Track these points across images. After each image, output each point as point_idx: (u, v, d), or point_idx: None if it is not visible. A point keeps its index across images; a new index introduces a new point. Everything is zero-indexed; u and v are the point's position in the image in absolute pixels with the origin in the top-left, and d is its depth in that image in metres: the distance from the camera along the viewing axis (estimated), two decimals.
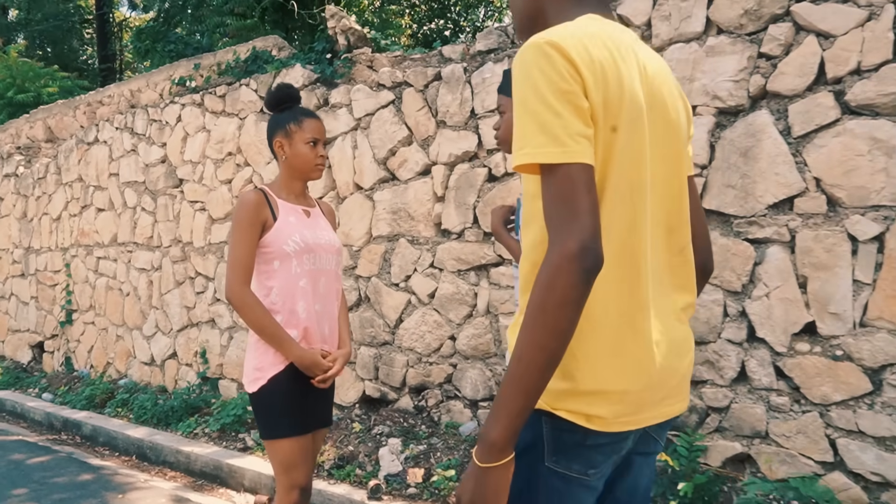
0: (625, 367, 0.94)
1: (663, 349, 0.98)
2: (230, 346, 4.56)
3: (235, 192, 4.47)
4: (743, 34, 2.60)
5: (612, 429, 0.94)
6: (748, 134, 2.59)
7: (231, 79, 4.58)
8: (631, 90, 0.93)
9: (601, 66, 0.90)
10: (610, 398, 0.93)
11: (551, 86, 0.88)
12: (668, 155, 1.01)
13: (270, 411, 1.82)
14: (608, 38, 0.94)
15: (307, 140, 1.89)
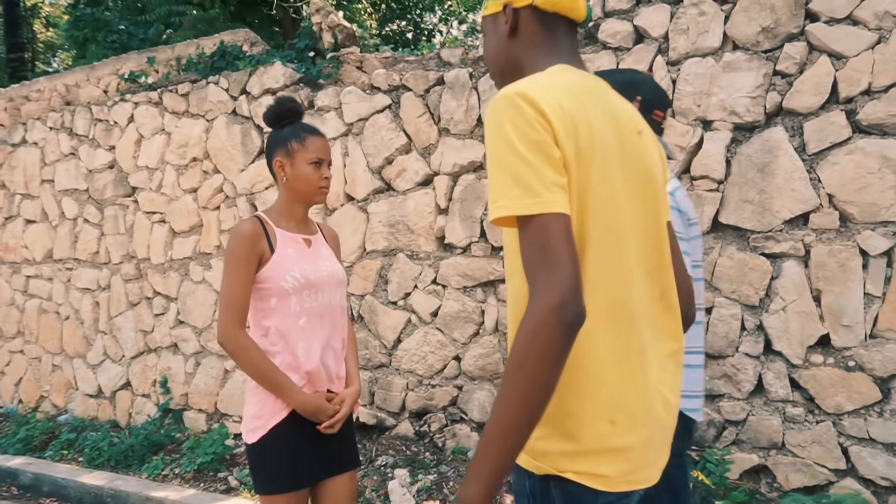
0: (626, 422, 1.06)
1: (661, 402, 1.12)
2: (197, 373, 4.76)
3: (203, 201, 4.69)
4: (759, 51, 3.08)
5: (617, 489, 1.06)
6: (765, 150, 3.07)
7: (195, 76, 4.80)
8: (602, 139, 1.07)
9: (571, 116, 1.05)
10: (614, 456, 1.05)
11: (522, 137, 1.01)
12: (645, 200, 1.16)
13: (272, 464, 1.89)
14: (579, 87, 1.10)
15: (311, 160, 1.95)
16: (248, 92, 4.50)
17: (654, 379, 1.12)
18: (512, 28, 1.23)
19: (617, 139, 1.11)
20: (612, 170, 1.08)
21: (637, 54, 3.34)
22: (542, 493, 1.07)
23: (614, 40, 3.39)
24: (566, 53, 1.21)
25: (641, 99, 1.93)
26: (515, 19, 1.23)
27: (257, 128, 4.48)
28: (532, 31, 1.22)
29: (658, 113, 1.97)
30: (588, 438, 1.05)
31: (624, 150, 1.13)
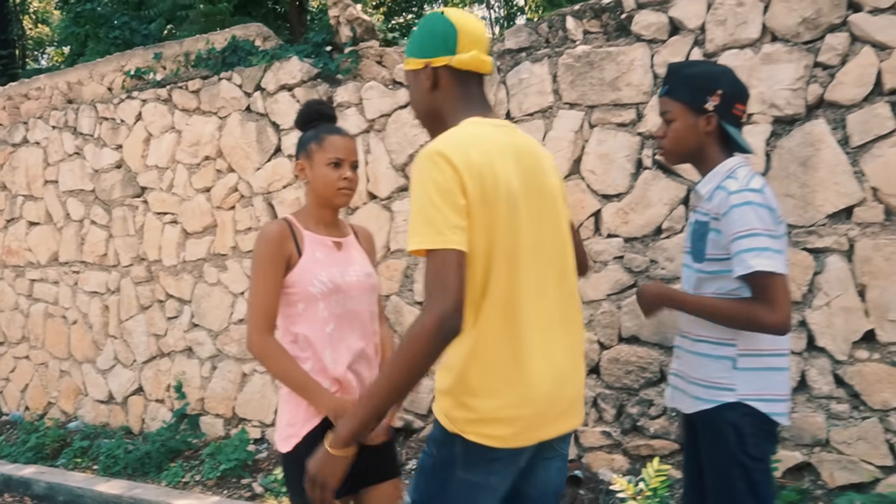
0: (515, 398, 1.43)
1: (549, 381, 1.46)
2: (213, 377, 4.70)
3: (216, 201, 4.62)
4: (799, 42, 3.06)
5: (508, 445, 1.44)
6: (806, 143, 3.05)
7: (206, 72, 4.72)
8: (506, 182, 1.40)
9: (478, 166, 1.37)
10: (504, 423, 1.43)
11: (437, 188, 1.34)
12: (551, 220, 1.51)
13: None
14: (486, 139, 1.42)
15: (329, 160, 1.91)
16: (263, 88, 4.43)
17: (547, 364, 1.46)
18: (433, 84, 1.51)
19: (522, 177, 1.44)
20: (513, 207, 1.40)
21: (672, 46, 3.31)
22: (449, 445, 1.47)
23: (648, 32, 3.35)
24: (477, 103, 1.53)
25: (721, 93, 1.83)
26: (435, 77, 1.51)
27: (273, 125, 4.41)
28: (449, 85, 1.51)
29: (739, 107, 1.87)
30: (483, 409, 1.42)
31: (529, 184, 1.45)
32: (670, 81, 1.90)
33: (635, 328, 3.41)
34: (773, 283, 1.71)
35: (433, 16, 1.53)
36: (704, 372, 1.85)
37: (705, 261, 1.83)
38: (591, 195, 3.51)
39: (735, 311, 1.76)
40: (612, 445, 3.47)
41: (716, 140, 1.87)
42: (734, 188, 1.77)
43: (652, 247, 3.37)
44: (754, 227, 1.72)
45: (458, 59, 1.48)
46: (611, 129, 3.46)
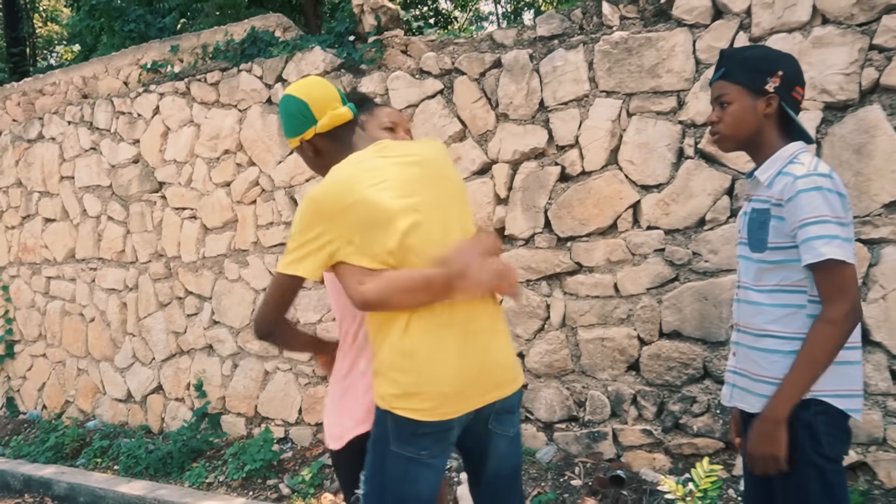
0: (439, 376, 1.55)
1: (475, 360, 1.60)
2: (234, 375, 4.53)
3: (237, 196, 4.45)
4: (853, 25, 2.88)
5: (432, 418, 1.55)
6: (860, 130, 2.87)
7: (225, 63, 4.54)
8: (383, 201, 1.56)
9: (350, 197, 1.56)
10: (428, 396, 1.54)
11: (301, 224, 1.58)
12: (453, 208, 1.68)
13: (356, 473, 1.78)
14: (363, 166, 1.61)
15: (383, 125, 1.92)
16: (285, 79, 4.25)
17: (469, 346, 1.60)
18: (315, 152, 1.73)
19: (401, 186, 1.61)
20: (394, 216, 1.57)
21: (716, 31, 3.13)
22: (381, 423, 1.62)
23: (690, 16, 3.17)
24: (353, 144, 1.72)
25: (782, 74, 1.72)
26: (312, 146, 1.72)
27: None
28: (327, 145, 1.71)
29: (799, 90, 1.75)
30: (409, 385, 1.56)
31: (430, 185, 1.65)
32: (726, 64, 1.78)
33: (677, 323, 3.24)
34: (844, 272, 1.59)
35: (284, 99, 1.72)
36: (773, 369, 1.69)
37: (767, 250, 1.70)
38: (630, 186, 3.33)
39: (828, 341, 1.60)
40: (653, 444, 3.29)
41: (775, 124, 1.75)
42: (801, 172, 1.64)
43: (695, 239, 3.20)
44: (823, 213, 1.60)
45: (321, 126, 1.68)
46: (650, 118, 3.28)
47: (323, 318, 4.20)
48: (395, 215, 1.57)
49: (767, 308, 1.71)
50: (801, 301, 1.66)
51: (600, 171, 3.39)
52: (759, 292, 1.73)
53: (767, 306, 1.71)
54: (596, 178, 3.39)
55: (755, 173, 1.76)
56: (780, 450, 1.63)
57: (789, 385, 1.63)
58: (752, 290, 1.75)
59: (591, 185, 3.40)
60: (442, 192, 1.67)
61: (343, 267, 1.57)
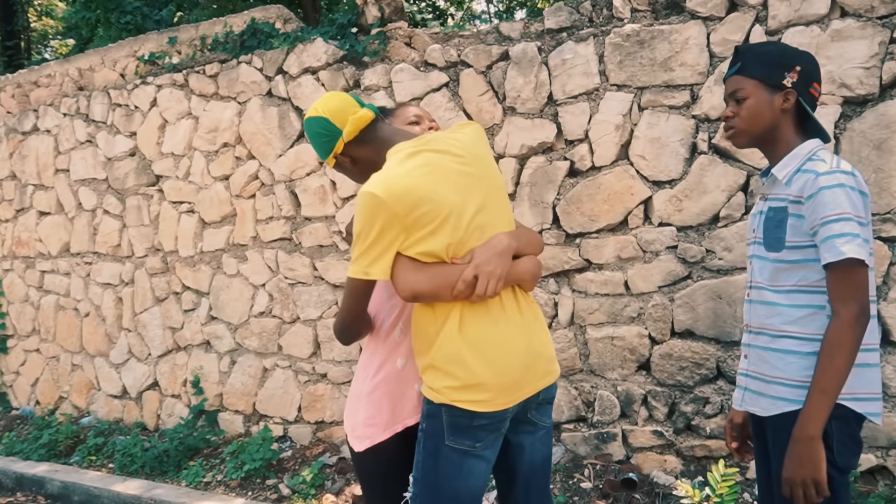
0: (499, 366, 1.53)
1: (527, 350, 1.58)
2: (232, 372, 4.38)
3: (236, 189, 4.29)
4: (874, 17, 2.76)
5: (492, 409, 1.53)
6: (881, 125, 2.75)
7: (225, 55, 4.38)
8: (442, 195, 1.51)
9: (414, 193, 1.49)
10: (488, 387, 1.52)
11: (368, 222, 1.50)
12: (495, 199, 1.62)
13: (386, 478, 1.73)
14: (416, 161, 1.53)
15: (409, 120, 1.88)
16: (286, 71, 4.10)
17: (516, 335, 1.58)
18: (352, 162, 1.67)
19: (453, 179, 1.55)
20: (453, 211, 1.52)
21: (731, 23, 3.00)
22: (436, 416, 1.57)
23: (704, 9, 3.05)
24: (389, 139, 1.64)
25: (800, 69, 1.64)
26: (348, 157, 1.66)
27: (296, 109, 4.08)
28: (359, 151, 1.65)
29: (816, 86, 1.67)
30: (467, 377, 1.52)
31: (475, 175, 1.59)
32: (742, 59, 1.70)
33: (689, 321, 3.12)
34: (859, 273, 1.51)
35: (306, 123, 1.67)
36: (790, 370, 1.60)
37: (785, 249, 1.61)
38: (641, 181, 3.20)
39: (847, 344, 1.50)
40: (664, 446, 3.18)
41: (791, 120, 1.67)
42: (823, 169, 1.55)
43: (708, 236, 3.08)
44: (846, 211, 1.51)
45: (347, 134, 1.62)
46: (662, 112, 3.15)
47: (323, 314, 4.06)
48: (458, 210, 1.53)
49: (785, 309, 1.62)
50: (821, 302, 1.58)
51: (610, 167, 3.26)
52: (777, 293, 1.64)
53: (785, 307, 1.62)
54: (606, 173, 3.27)
55: (772, 171, 1.67)
56: (821, 472, 1.51)
57: (818, 397, 1.51)
58: (769, 291, 1.66)
59: (601, 181, 3.27)
60: (492, 184, 1.63)
61: (395, 258, 1.55)
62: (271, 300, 4.23)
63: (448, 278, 1.54)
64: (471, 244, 1.55)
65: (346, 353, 4.00)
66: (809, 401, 1.52)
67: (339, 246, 3.99)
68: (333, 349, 4.04)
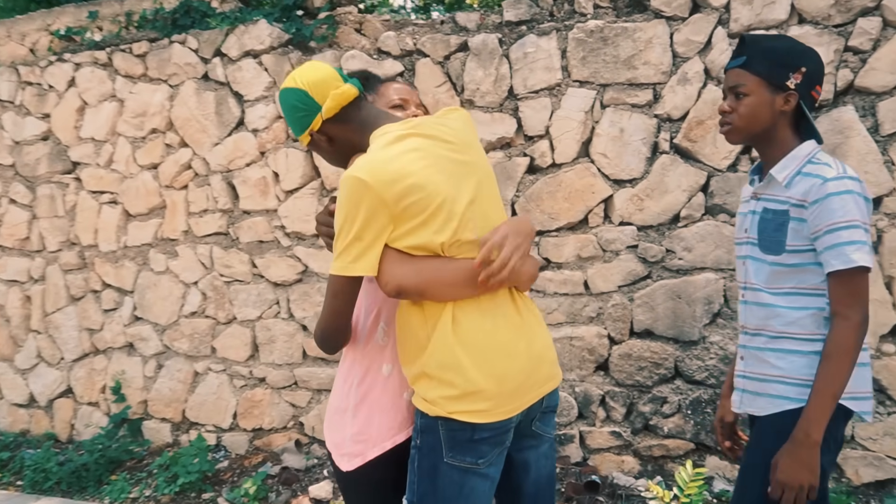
0: (499, 370, 1.36)
1: (527, 353, 1.41)
2: (159, 376, 4.00)
3: (166, 179, 3.92)
4: (830, 25, 2.80)
5: (494, 419, 1.35)
6: (835, 130, 2.79)
7: (154, 34, 3.99)
8: (434, 184, 1.34)
9: (404, 180, 1.31)
10: (488, 395, 1.35)
11: (356, 213, 1.31)
12: (488, 189, 1.46)
13: (379, 498, 1.57)
14: (403, 146, 1.35)
15: (392, 102, 1.70)
16: (224, 53, 3.77)
17: (517, 339, 1.41)
18: (329, 140, 1.48)
19: (441, 166, 1.38)
20: (444, 200, 1.35)
21: (694, 24, 2.98)
22: (432, 429, 1.39)
23: (669, 9, 3.01)
24: (372, 120, 1.46)
25: (805, 70, 1.57)
26: (324, 135, 1.47)
27: (236, 95, 3.76)
28: (339, 130, 1.46)
29: (818, 89, 1.62)
30: (465, 385, 1.34)
31: (451, 173, 1.39)
32: (748, 51, 1.61)
33: (649, 321, 3.07)
34: (864, 280, 1.50)
35: (282, 94, 1.49)
36: (791, 368, 1.56)
37: (785, 252, 1.56)
38: (603, 180, 3.13)
39: (851, 350, 1.48)
40: (622, 446, 3.12)
41: (789, 121, 1.60)
42: (831, 175, 1.51)
43: (669, 236, 3.04)
44: (855, 218, 1.48)
45: (326, 110, 1.43)
46: (625, 110, 3.09)
47: (263, 314, 3.76)
48: (451, 200, 1.36)
49: (784, 311, 1.57)
50: (820, 304, 1.54)
51: (571, 164, 3.17)
52: (775, 295, 1.59)
53: (784, 309, 1.57)
54: (567, 170, 3.17)
55: (771, 171, 1.61)
56: (817, 478, 1.47)
57: (819, 402, 1.47)
58: (765, 293, 1.60)
59: (561, 178, 3.18)
60: (484, 174, 1.48)
61: None
62: (204, 299, 3.88)
63: (439, 272, 1.37)
64: (465, 237, 1.38)
65: (288, 356, 3.73)
66: (813, 404, 1.47)
67: (280, 241, 3.71)
68: (273, 352, 3.75)
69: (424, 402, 1.39)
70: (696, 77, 2.97)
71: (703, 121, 2.97)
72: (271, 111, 3.67)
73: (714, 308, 2.97)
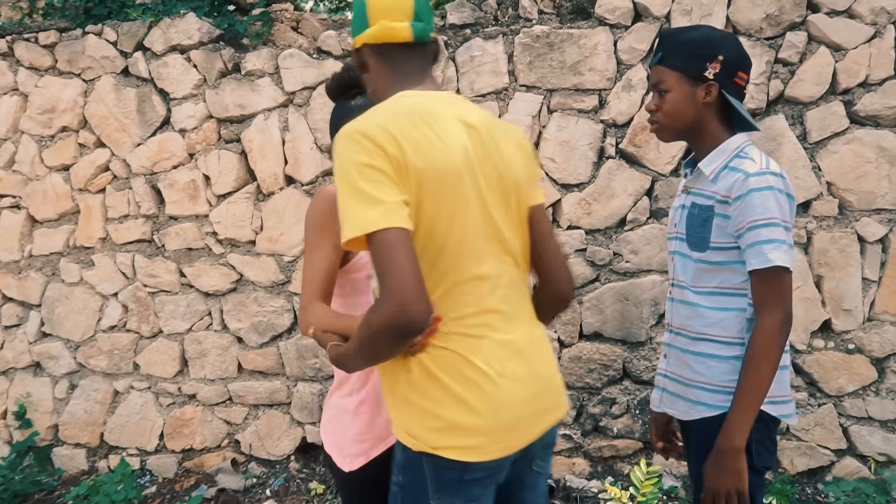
0: (496, 399, 1.17)
1: (529, 378, 1.22)
2: (72, 398, 3.63)
3: (79, 182, 3.58)
4: (762, 38, 2.95)
5: (487, 457, 1.17)
6: (768, 137, 2.94)
7: (65, 23, 3.64)
8: (443, 155, 1.16)
9: (404, 139, 1.13)
10: (482, 429, 1.16)
11: (361, 167, 1.10)
12: (504, 196, 1.26)
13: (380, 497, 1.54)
14: (417, 111, 1.18)
15: None
16: (147, 48, 3.50)
17: (514, 359, 1.22)
18: (362, 66, 1.34)
19: (473, 147, 1.21)
20: (453, 183, 1.16)
21: (637, 33, 3.05)
22: (415, 465, 1.21)
23: (612, 16, 3.07)
24: (410, 78, 1.28)
25: (723, 58, 1.54)
26: (361, 59, 1.33)
27: (161, 92, 3.50)
28: (374, 63, 1.30)
29: (742, 75, 1.58)
30: (452, 417, 1.16)
31: (483, 155, 1.22)
32: (664, 47, 1.60)
33: (598, 324, 3.10)
34: (785, 280, 1.46)
35: None
36: (710, 374, 1.55)
37: (709, 249, 1.54)
38: (551, 184, 3.14)
39: (773, 353, 1.45)
40: (573, 449, 3.13)
41: (716, 113, 1.58)
42: (753, 170, 1.48)
43: (616, 239, 3.09)
44: (774, 215, 1.45)
45: (368, 34, 1.28)
46: (572, 115, 3.12)
47: (193, 326, 3.50)
48: (470, 190, 1.20)
49: (706, 311, 1.56)
50: (743, 304, 1.52)
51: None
52: (698, 294, 1.57)
53: (706, 309, 1.56)
54: None
55: (699, 165, 1.60)
56: (744, 482, 1.46)
57: (742, 407, 1.45)
58: (690, 291, 1.59)
59: None
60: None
61: None
62: (126, 312, 3.57)
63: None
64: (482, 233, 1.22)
65: (221, 370, 3.49)
66: (735, 411, 1.45)
67: (212, 249, 3.48)
68: (205, 366, 3.50)
69: (407, 436, 1.21)
70: (640, 84, 3.04)
71: (646, 127, 3.04)
72: (201, 110, 3.44)
73: (660, 309, 3.04)
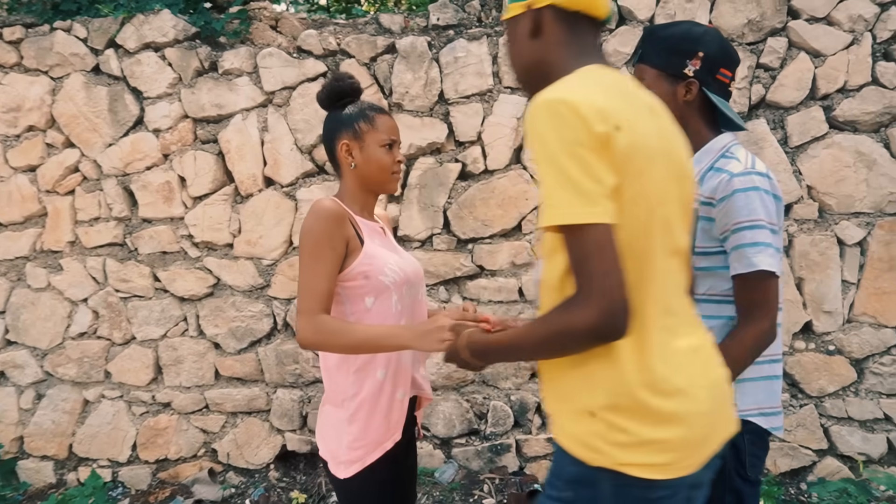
0: (693, 411, 1.05)
1: (715, 386, 1.12)
2: (39, 408, 3.49)
3: (47, 183, 3.44)
4: (744, 43, 2.97)
5: (675, 474, 1.04)
6: (750, 141, 2.96)
7: (31, 19, 3.50)
8: (643, 136, 1.04)
9: (614, 118, 0.99)
10: (674, 444, 1.04)
11: (567, 144, 0.97)
12: (681, 192, 1.14)
13: (379, 500, 1.61)
14: (615, 86, 1.06)
15: (383, 142, 1.62)
16: (120, 45, 3.38)
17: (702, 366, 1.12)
18: (535, 29, 1.16)
19: (656, 133, 1.08)
20: (653, 166, 1.05)
21: (621, 36, 3.05)
22: (590, 482, 1.07)
23: None
24: (592, 53, 1.16)
25: (703, 55, 1.47)
26: (538, 20, 1.16)
27: (134, 91, 3.38)
28: (554, 31, 1.15)
29: (724, 72, 1.51)
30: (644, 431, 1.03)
31: (661, 143, 1.09)
32: (644, 45, 1.56)
33: None
34: (771, 285, 1.40)
35: None
36: None
37: (694, 255, 1.47)
38: (535, 187, 3.12)
39: (746, 359, 1.40)
40: None
41: (698, 112, 1.52)
42: (738, 170, 1.42)
43: None
44: (759, 217, 1.39)
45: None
46: None
47: (168, 332, 3.39)
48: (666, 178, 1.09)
49: None
50: (730, 312, 1.45)
51: (504, 171, 3.14)
52: None
53: None
54: (500, 177, 3.13)
55: None
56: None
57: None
58: None
59: (494, 185, 3.13)
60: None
61: None
62: (96, 318, 3.44)
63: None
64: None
65: (198, 377, 3.38)
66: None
67: (187, 252, 3.37)
68: (180, 373, 3.39)
69: (585, 449, 1.06)
70: None
71: None
72: (176, 110, 3.33)
73: None
